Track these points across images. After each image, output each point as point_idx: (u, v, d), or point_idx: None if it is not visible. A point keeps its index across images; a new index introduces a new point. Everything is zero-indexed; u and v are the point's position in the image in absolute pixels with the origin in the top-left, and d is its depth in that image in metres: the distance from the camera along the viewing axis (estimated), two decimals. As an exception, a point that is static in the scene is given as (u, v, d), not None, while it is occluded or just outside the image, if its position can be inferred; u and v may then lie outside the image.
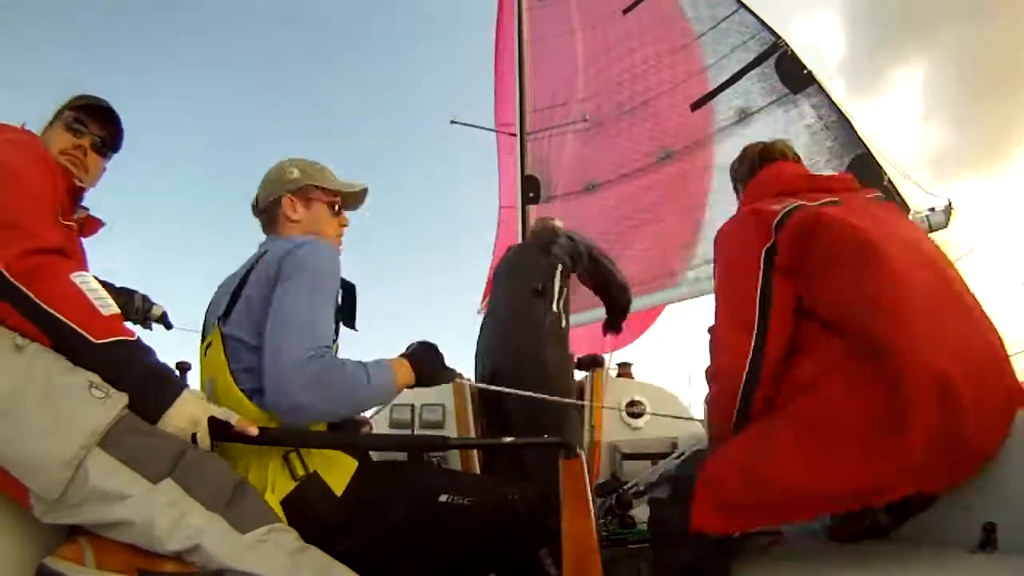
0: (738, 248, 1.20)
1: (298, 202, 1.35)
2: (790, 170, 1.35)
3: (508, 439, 1.49)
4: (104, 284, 1.66)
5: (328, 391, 1.06)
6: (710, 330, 1.21)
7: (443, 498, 1.16)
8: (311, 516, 1.05)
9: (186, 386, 1.00)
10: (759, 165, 1.42)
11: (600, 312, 3.56)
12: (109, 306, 0.96)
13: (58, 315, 0.90)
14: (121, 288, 1.72)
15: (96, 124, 1.32)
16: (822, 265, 1.09)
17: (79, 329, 0.91)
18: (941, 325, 0.96)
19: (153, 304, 1.76)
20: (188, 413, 0.97)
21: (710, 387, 1.19)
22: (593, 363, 2.57)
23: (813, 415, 1.00)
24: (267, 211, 1.37)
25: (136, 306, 1.72)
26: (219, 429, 1.00)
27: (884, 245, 1.03)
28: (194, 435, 0.97)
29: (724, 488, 1.07)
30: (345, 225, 1.44)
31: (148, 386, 0.95)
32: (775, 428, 1.04)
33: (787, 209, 1.15)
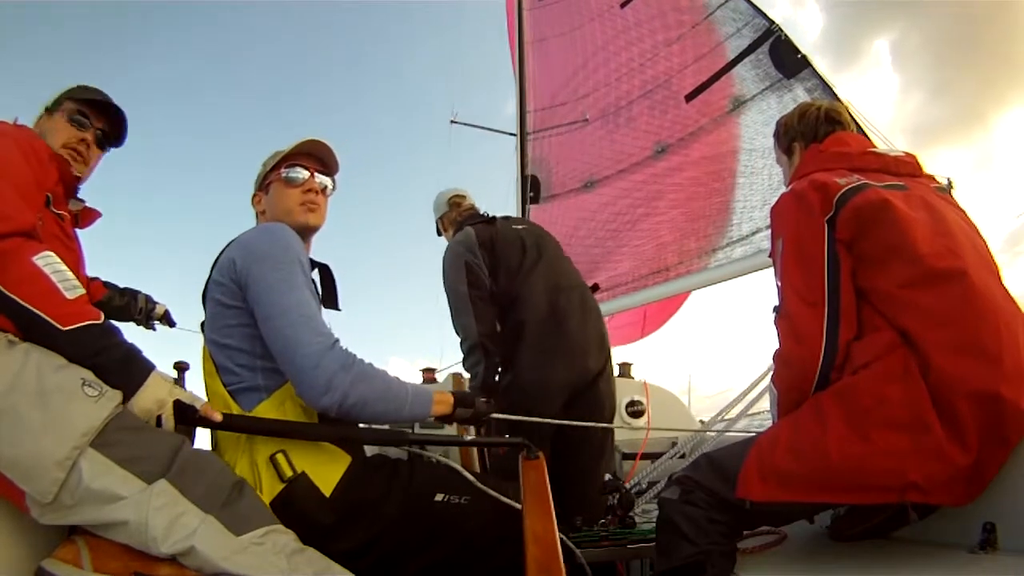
0: (803, 218, 1.16)
1: (261, 194, 1.37)
2: (857, 146, 1.30)
3: (470, 437, 1.46)
4: (107, 285, 1.69)
5: (361, 378, 1.06)
6: (776, 311, 1.18)
7: (439, 497, 1.14)
8: (301, 518, 1.03)
9: (154, 367, 0.99)
10: (824, 128, 1.36)
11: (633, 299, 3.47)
12: (74, 288, 0.94)
13: (23, 303, 0.88)
14: (124, 288, 1.72)
15: (100, 119, 1.35)
16: (880, 255, 1.08)
17: (45, 316, 0.89)
18: (1016, 349, 0.94)
19: (156, 304, 1.76)
20: (155, 395, 0.96)
21: (781, 370, 1.16)
22: None
23: (865, 395, 1.00)
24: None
25: (139, 306, 1.72)
26: (184, 413, 0.99)
27: (966, 264, 1.01)
28: (159, 417, 0.96)
29: (773, 455, 1.07)
30: (311, 190, 1.32)
31: (117, 369, 0.94)
32: (825, 401, 1.04)
33: (852, 186, 1.13)
